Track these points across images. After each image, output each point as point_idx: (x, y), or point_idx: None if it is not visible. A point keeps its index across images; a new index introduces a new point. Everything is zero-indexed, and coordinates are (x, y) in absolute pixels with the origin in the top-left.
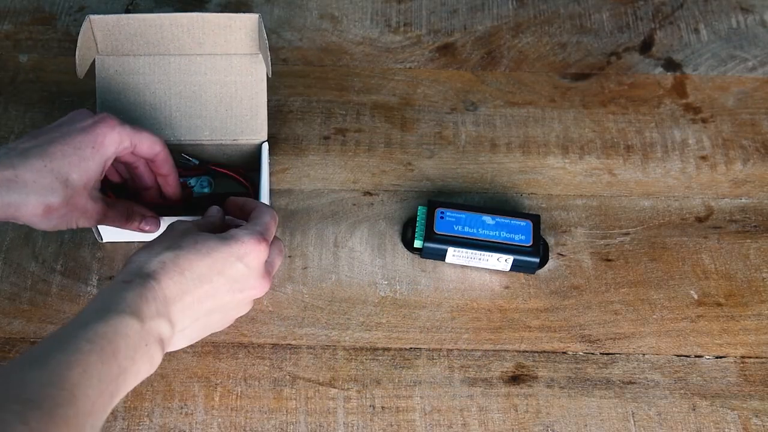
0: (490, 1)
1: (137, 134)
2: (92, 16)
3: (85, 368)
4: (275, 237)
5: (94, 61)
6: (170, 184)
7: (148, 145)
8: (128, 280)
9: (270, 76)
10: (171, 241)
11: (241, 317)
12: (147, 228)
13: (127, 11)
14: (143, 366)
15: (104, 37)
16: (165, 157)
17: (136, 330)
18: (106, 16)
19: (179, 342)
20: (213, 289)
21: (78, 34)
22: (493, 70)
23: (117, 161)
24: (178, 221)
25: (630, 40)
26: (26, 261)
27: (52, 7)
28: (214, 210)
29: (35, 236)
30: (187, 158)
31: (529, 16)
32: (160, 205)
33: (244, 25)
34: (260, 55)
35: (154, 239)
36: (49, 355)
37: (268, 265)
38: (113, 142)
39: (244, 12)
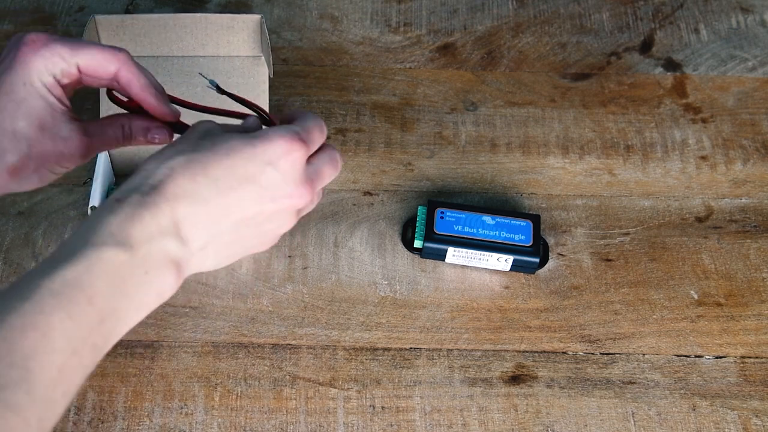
0: (490, 1)
1: (76, 51)
2: (97, 16)
3: (45, 331)
4: (328, 144)
5: None
6: (152, 106)
7: (97, 63)
8: (121, 198)
9: (272, 77)
10: (186, 143)
11: (241, 318)
12: (157, 139)
13: (127, 11)
14: (147, 297)
15: (108, 37)
16: (128, 76)
17: (122, 261)
18: (110, 16)
19: (205, 262)
20: (236, 197)
21: (78, 34)
22: (493, 70)
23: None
24: (201, 121)
25: (630, 40)
26: (26, 261)
27: (52, 7)
28: (251, 119)
29: (35, 236)
30: (203, 76)
31: (529, 16)
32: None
33: (247, 26)
34: (262, 57)
35: (169, 144)
36: (0, 316)
37: (311, 173)
38: (42, 67)
39: (244, 12)
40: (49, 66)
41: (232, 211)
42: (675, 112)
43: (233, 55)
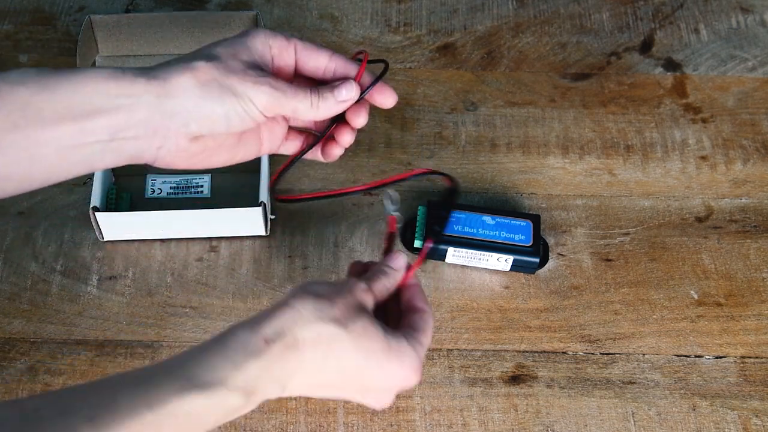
0: (490, 1)
1: (295, 38)
2: (93, 16)
3: None
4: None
5: (94, 61)
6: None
7: (312, 49)
8: (270, 341)
9: None
10: (344, 312)
11: (241, 318)
12: (344, 94)
13: (127, 11)
14: (218, 425)
15: (104, 37)
16: (343, 63)
17: (237, 406)
18: (107, 15)
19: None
20: (343, 385)
21: (78, 34)
22: (493, 70)
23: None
24: (357, 283)
25: (630, 40)
26: (26, 261)
27: (52, 7)
28: (400, 264)
29: (35, 236)
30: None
31: (529, 16)
32: None
33: (243, 23)
34: None
35: (329, 287)
36: (124, 418)
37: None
38: (262, 33)
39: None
40: (268, 36)
41: (334, 393)
42: (675, 112)
43: None
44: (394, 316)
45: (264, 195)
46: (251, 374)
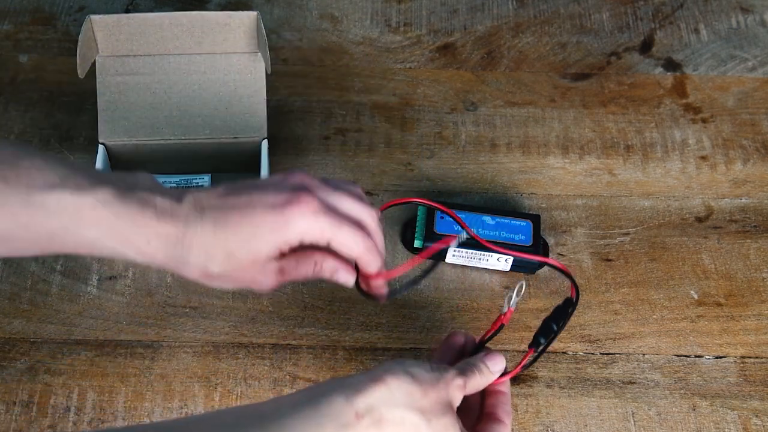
0: (490, 1)
1: (335, 229)
2: (93, 16)
3: None
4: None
5: (94, 61)
6: (372, 285)
7: (345, 246)
8: (360, 416)
9: (269, 73)
10: (430, 404)
11: (241, 318)
12: (340, 281)
13: (127, 11)
14: None
15: (104, 37)
16: (368, 260)
17: None
18: (107, 16)
19: None
20: None
21: (78, 34)
22: (493, 70)
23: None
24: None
25: (630, 40)
26: (26, 261)
27: (52, 7)
28: (498, 369)
29: None
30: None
31: (529, 16)
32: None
33: (243, 23)
34: (259, 54)
35: (421, 370)
36: None
37: None
38: (299, 231)
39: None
40: (306, 233)
41: None
42: (675, 112)
43: (230, 52)
44: (472, 413)
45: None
46: None
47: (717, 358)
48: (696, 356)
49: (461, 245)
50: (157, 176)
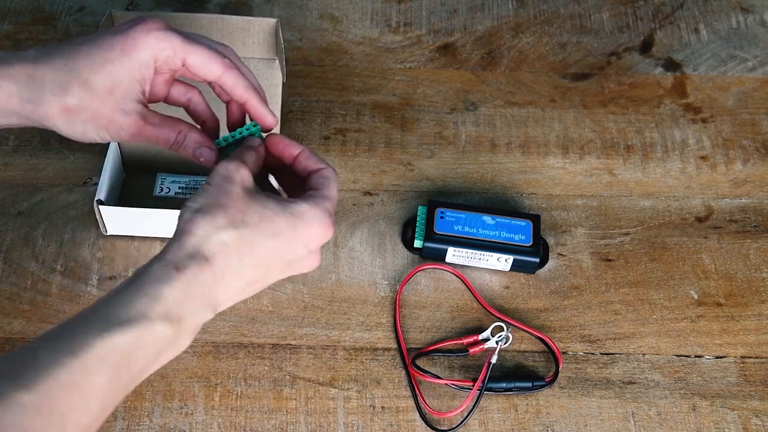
0: (490, 1)
1: (188, 46)
2: (114, 12)
3: (86, 391)
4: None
5: None
6: (253, 107)
7: (203, 64)
8: (181, 267)
9: (285, 82)
10: (234, 210)
11: (241, 318)
12: (202, 159)
13: (127, 11)
14: (163, 362)
15: None
16: (231, 80)
17: (169, 335)
18: (128, 12)
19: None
20: (268, 272)
21: (78, 34)
22: (493, 70)
23: (174, 81)
24: (225, 165)
25: (630, 40)
26: (26, 261)
27: (52, 7)
28: (256, 143)
29: (35, 236)
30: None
31: (529, 16)
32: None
33: (263, 29)
34: (276, 61)
35: (208, 194)
36: (48, 369)
37: (331, 212)
38: (148, 46)
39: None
40: (156, 49)
41: (260, 282)
42: (675, 112)
43: (248, 57)
44: (298, 189)
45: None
46: (170, 301)
47: (717, 358)
48: (696, 356)
49: (461, 245)
50: (166, 176)
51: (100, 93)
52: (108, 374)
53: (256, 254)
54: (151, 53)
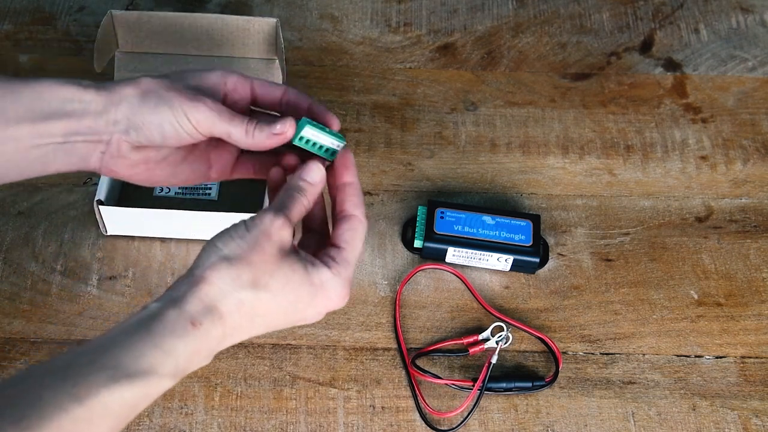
0: (490, 1)
1: (249, 78)
2: (114, 12)
3: None
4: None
5: (113, 56)
6: (320, 110)
7: (266, 87)
8: (197, 323)
9: (284, 82)
10: (261, 272)
11: None
12: (278, 128)
13: (127, 11)
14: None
15: (125, 33)
16: (293, 97)
17: (171, 384)
18: (128, 12)
19: None
20: (273, 327)
21: (78, 33)
22: (493, 70)
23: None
24: (271, 218)
25: (630, 40)
26: (26, 261)
27: (52, 7)
28: (316, 178)
29: (35, 236)
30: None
31: (529, 16)
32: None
33: (263, 29)
34: (276, 61)
35: (240, 243)
36: (52, 415)
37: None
38: (218, 73)
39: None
40: (224, 71)
41: (264, 329)
42: (675, 112)
43: (248, 57)
44: (315, 223)
45: (267, 203)
46: (182, 358)
47: (717, 358)
48: (696, 356)
49: (461, 245)
50: None
51: (174, 80)
52: (110, 424)
53: (269, 317)
54: (221, 74)
